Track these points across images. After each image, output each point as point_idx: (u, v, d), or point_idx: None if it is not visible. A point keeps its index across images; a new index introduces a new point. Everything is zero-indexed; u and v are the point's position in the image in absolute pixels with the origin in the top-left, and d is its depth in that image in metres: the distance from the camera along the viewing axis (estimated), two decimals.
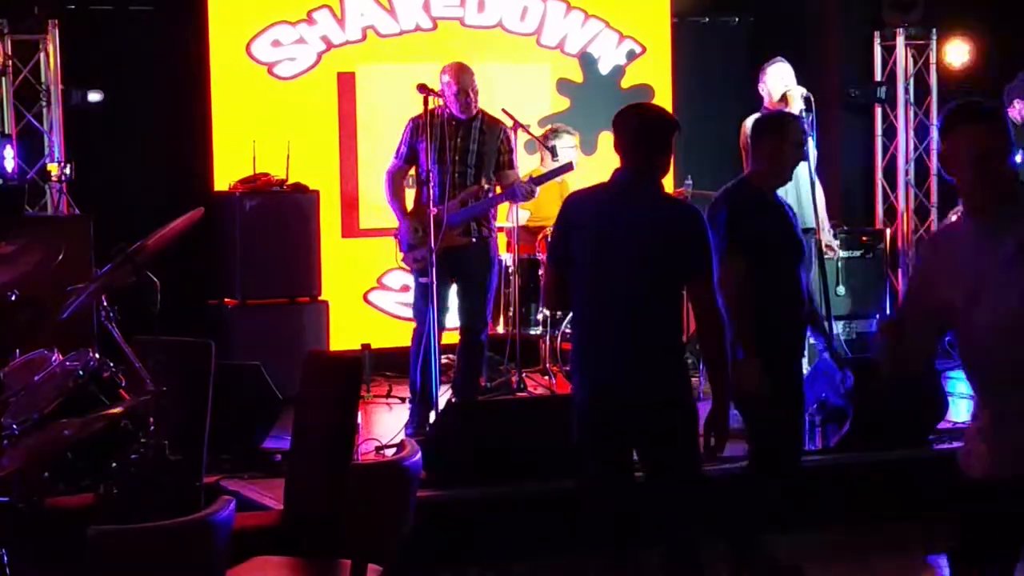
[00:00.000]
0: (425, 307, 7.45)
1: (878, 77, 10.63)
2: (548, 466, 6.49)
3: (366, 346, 8.73)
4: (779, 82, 8.01)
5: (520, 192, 7.77)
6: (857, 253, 9.84)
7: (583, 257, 4.89)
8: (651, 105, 5.10)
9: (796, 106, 7.80)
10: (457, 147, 7.62)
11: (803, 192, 7.81)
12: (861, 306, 9.80)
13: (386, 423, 7.99)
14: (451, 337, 8.01)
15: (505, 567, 6.20)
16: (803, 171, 7.77)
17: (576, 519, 6.41)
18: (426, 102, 7.44)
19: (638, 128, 4.99)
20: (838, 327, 9.20)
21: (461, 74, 7.71)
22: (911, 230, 10.66)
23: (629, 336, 4.81)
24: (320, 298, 9.06)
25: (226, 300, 9.00)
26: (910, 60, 10.55)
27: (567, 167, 8.39)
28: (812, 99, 7.82)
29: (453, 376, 7.87)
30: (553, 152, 9.06)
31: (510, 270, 8.55)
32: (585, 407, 4.95)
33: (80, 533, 3.07)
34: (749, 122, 7.87)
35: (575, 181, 9.39)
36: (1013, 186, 3.93)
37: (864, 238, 9.55)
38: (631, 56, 10.38)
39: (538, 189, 7.98)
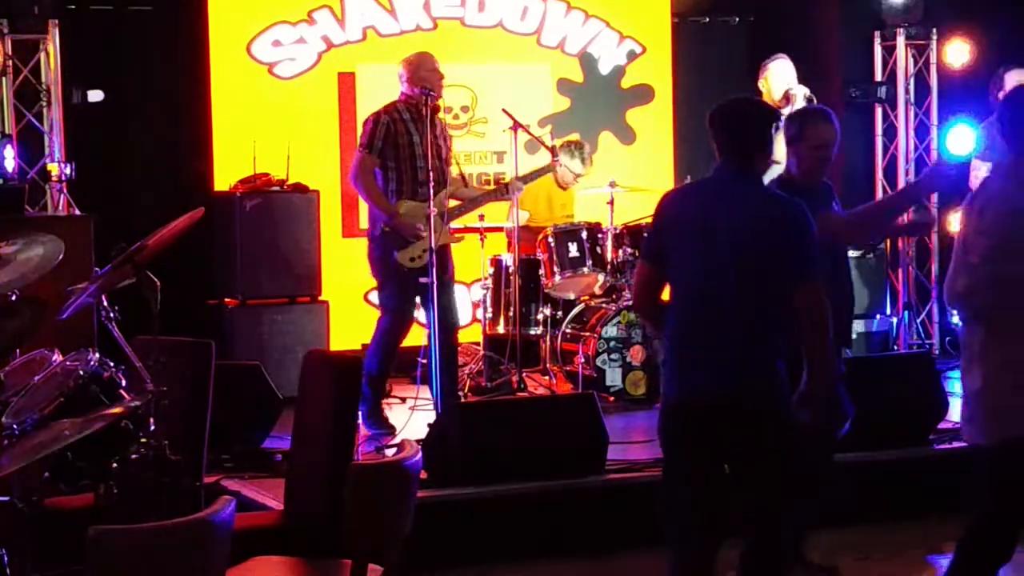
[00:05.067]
0: (409, 306, 7.62)
1: (878, 77, 10.64)
2: (548, 466, 6.49)
3: (366, 346, 8.73)
4: (780, 80, 7.99)
5: (515, 190, 7.97)
6: (857, 253, 9.83)
7: (681, 257, 4.66)
8: (746, 99, 4.84)
9: (799, 105, 7.80)
10: (430, 143, 7.62)
11: None
12: (861, 306, 9.79)
13: None
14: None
15: (505, 567, 6.20)
16: None
17: (573, 519, 6.44)
18: (426, 102, 7.44)
19: (734, 123, 4.73)
20: None
21: (429, 60, 7.68)
22: None
23: (730, 337, 4.57)
24: (320, 298, 9.07)
25: (226, 300, 9.00)
26: (910, 60, 10.55)
27: (547, 168, 8.43)
28: (815, 99, 7.81)
29: (438, 379, 7.85)
30: (553, 152, 9.08)
31: (510, 270, 8.56)
32: (678, 407, 4.71)
33: (80, 533, 3.07)
34: None
35: (578, 185, 9.43)
36: None
37: None
38: (631, 56, 10.39)
39: (524, 186, 8.14)
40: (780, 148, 7.80)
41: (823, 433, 4.82)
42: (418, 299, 7.72)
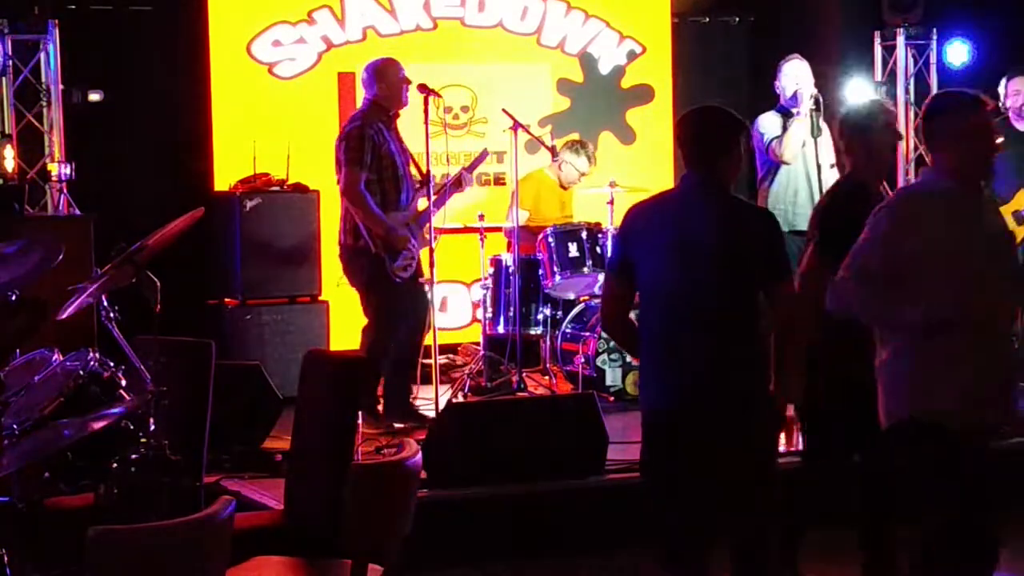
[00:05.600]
0: (408, 309, 7.60)
1: (878, 77, 10.63)
2: (548, 466, 6.49)
3: None
4: (791, 80, 8.02)
5: (466, 182, 7.99)
6: None
7: (654, 266, 4.67)
8: (709, 107, 4.83)
9: (805, 106, 7.82)
10: (404, 150, 7.63)
11: (801, 193, 7.80)
12: None
13: None
14: (447, 337, 7.95)
15: (505, 567, 6.20)
16: (813, 170, 7.77)
17: (573, 519, 6.44)
18: (426, 102, 7.44)
19: (699, 131, 4.74)
20: None
21: (397, 66, 7.68)
22: None
23: (709, 342, 4.61)
24: (320, 298, 9.07)
25: (226, 300, 9.00)
26: (910, 60, 10.55)
27: (484, 155, 8.51)
28: (821, 99, 7.83)
29: (398, 388, 7.83)
30: (554, 151, 9.10)
31: (510, 270, 8.56)
32: (661, 413, 4.74)
33: (80, 533, 3.07)
34: (759, 121, 7.89)
35: (578, 185, 9.43)
36: None
37: None
38: (631, 56, 10.39)
39: (471, 176, 8.20)
40: (791, 147, 7.85)
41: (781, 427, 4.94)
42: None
